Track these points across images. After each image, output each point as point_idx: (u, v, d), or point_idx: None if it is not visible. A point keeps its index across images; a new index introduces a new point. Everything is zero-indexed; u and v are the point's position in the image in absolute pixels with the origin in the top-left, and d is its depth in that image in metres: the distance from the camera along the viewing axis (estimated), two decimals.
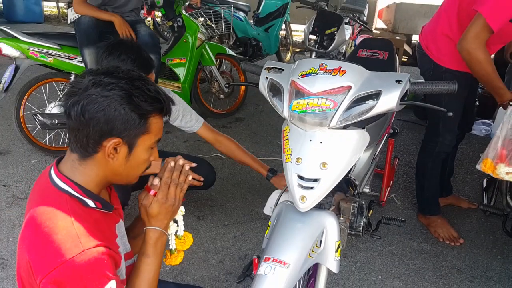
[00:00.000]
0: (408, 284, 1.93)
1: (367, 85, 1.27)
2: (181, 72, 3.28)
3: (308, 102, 1.26)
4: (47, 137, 3.00)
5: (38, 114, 2.74)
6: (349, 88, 1.25)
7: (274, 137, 3.33)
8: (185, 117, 1.99)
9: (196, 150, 3.09)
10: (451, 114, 1.32)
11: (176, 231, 1.24)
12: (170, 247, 1.25)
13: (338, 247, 1.36)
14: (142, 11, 3.72)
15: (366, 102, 1.26)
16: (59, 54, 2.76)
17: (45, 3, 7.77)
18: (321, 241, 1.32)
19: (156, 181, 1.10)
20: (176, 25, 3.28)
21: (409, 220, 2.38)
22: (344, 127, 1.34)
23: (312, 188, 1.28)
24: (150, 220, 1.11)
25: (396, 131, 3.27)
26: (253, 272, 1.35)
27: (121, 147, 0.97)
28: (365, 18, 4.37)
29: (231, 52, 3.65)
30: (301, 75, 1.31)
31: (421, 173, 2.25)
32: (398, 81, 1.27)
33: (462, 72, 1.89)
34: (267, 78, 1.41)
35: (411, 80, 1.31)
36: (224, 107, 3.75)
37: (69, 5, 4.67)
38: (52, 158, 2.91)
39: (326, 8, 3.81)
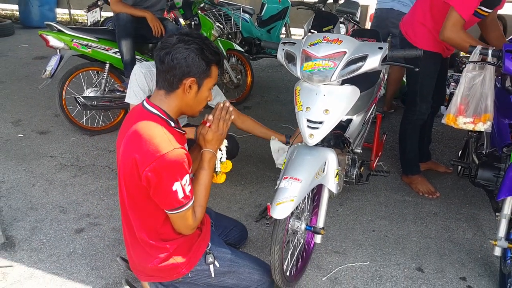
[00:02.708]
0: (392, 223, 2.40)
1: (357, 51, 1.75)
2: None
3: (315, 63, 1.74)
4: (84, 118, 3.45)
5: (80, 97, 3.21)
6: (344, 53, 1.74)
7: (278, 121, 3.80)
8: (217, 96, 2.44)
9: None
10: (417, 69, 1.81)
11: (221, 158, 1.71)
12: (216, 170, 1.72)
13: (337, 174, 1.82)
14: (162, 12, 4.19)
15: (357, 63, 1.74)
16: (97, 46, 3.23)
17: (58, 10, 8.24)
18: (324, 168, 1.79)
19: (211, 117, 1.57)
20: (193, 23, 3.77)
21: (394, 180, 2.86)
22: (342, 84, 1.83)
23: (318, 128, 1.76)
24: (206, 144, 1.58)
25: (384, 114, 3.76)
26: (268, 215, 1.76)
27: (194, 85, 1.44)
28: (357, 19, 4.89)
29: (239, 48, 4.14)
30: (310, 44, 1.80)
31: (403, 138, 2.73)
32: (380, 48, 1.75)
33: (434, 52, 2.40)
34: (283, 49, 1.89)
35: (389, 48, 1.80)
36: (233, 97, 4.23)
37: (89, 9, 5.17)
38: (88, 136, 3.36)
39: (323, 9, 4.31)
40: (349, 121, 2.43)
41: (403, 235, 2.29)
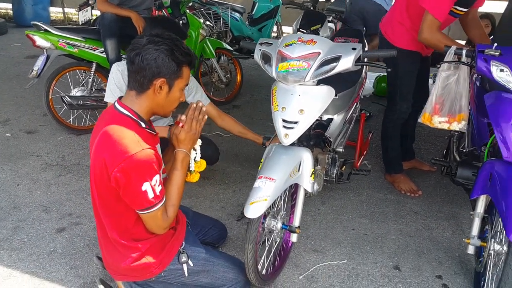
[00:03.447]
0: (372, 221, 2.41)
1: (331, 52, 1.76)
2: None
3: (289, 64, 1.76)
4: (71, 118, 3.46)
5: (66, 96, 3.22)
6: (318, 53, 1.75)
7: (266, 119, 3.81)
8: (197, 94, 2.46)
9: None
10: (389, 69, 1.82)
11: (195, 157, 1.73)
12: (190, 169, 1.73)
13: (312, 173, 1.84)
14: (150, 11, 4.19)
15: (331, 63, 1.75)
16: (83, 46, 3.24)
17: (51, 9, 8.23)
18: (299, 168, 1.81)
19: (183, 117, 1.59)
20: (181, 22, 3.77)
21: (378, 179, 2.87)
22: (317, 85, 1.84)
23: (293, 128, 1.78)
24: (179, 144, 1.59)
25: (371, 114, 3.78)
26: None
27: (164, 85, 1.45)
28: None
29: (228, 47, 4.15)
30: (285, 45, 1.81)
31: (384, 137, 2.75)
32: (353, 48, 1.77)
33: (412, 51, 2.41)
34: (260, 50, 1.90)
35: (363, 48, 1.81)
36: (223, 95, 4.24)
37: (80, 8, 5.17)
38: (75, 135, 3.37)
39: (311, 8, 4.32)
40: (330, 120, 2.45)
41: (382, 234, 2.31)
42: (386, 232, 2.33)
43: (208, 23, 4.66)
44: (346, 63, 1.74)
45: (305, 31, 4.11)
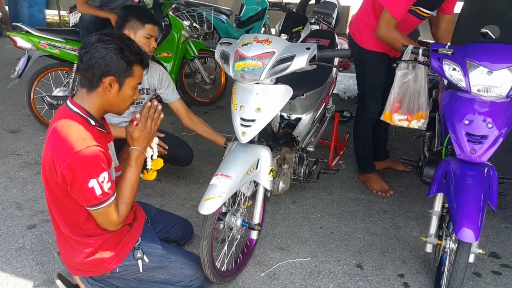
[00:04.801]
0: (341, 220, 2.43)
1: (286, 51, 1.79)
2: (168, 64, 3.81)
3: (245, 63, 1.79)
4: None
5: (46, 96, 3.26)
6: (273, 53, 1.78)
7: None
8: (168, 88, 2.49)
9: (180, 130, 3.60)
10: (341, 69, 1.84)
11: (152, 156, 1.75)
12: (147, 167, 1.76)
13: (271, 171, 1.86)
14: None
15: (285, 62, 1.78)
16: (64, 47, 3.28)
17: (47, 11, 8.32)
18: (257, 165, 1.83)
19: (138, 115, 1.62)
20: (163, 24, 3.82)
21: (351, 178, 2.89)
22: (275, 83, 1.87)
23: (250, 126, 1.80)
24: (133, 142, 1.62)
25: (352, 115, 3.79)
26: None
27: (114, 83, 1.49)
28: (333, 20, 4.92)
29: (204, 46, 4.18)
30: (242, 45, 1.84)
31: (356, 137, 2.76)
32: (307, 48, 1.79)
33: (380, 52, 2.43)
34: (220, 49, 1.93)
35: (318, 48, 1.83)
36: (207, 96, 4.27)
37: (71, 10, 5.23)
38: None
39: (294, 10, 4.35)
40: (299, 119, 2.48)
41: (349, 232, 2.32)
42: (353, 230, 2.34)
43: (195, 25, 4.71)
44: (300, 62, 1.77)
45: (287, 33, 4.16)
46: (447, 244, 1.78)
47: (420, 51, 1.88)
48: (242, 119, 1.81)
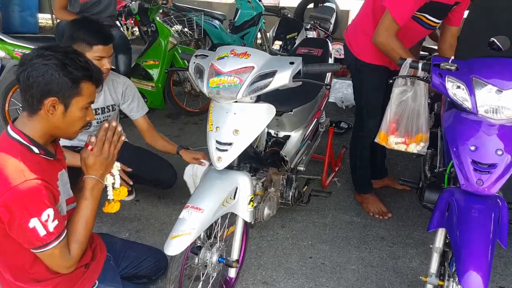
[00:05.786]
0: (333, 248, 2.21)
1: (267, 66, 1.58)
2: (154, 72, 3.60)
3: (220, 79, 1.57)
4: None
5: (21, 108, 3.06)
6: (252, 68, 1.57)
7: None
8: (132, 103, 2.28)
9: None
10: (329, 87, 1.63)
11: (113, 184, 1.54)
12: (108, 197, 1.55)
13: (251, 200, 1.65)
14: (121, 18, 4.05)
15: (266, 79, 1.56)
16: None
17: (40, 15, 8.14)
18: (235, 194, 1.62)
19: (93, 139, 1.40)
20: (150, 30, 3.62)
21: (347, 198, 2.67)
22: (256, 101, 1.66)
23: (226, 150, 1.59)
24: (87, 170, 1.40)
25: (350, 126, 3.58)
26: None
27: (58, 105, 1.28)
28: (331, 25, 4.71)
29: None
30: (218, 58, 1.63)
31: (353, 155, 2.55)
32: (291, 62, 1.58)
33: (378, 65, 2.20)
34: (194, 63, 1.72)
35: (304, 61, 1.62)
36: (197, 106, 4.06)
37: None
38: None
39: (288, 15, 4.15)
40: (287, 137, 2.27)
41: (342, 263, 2.10)
42: (346, 260, 2.12)
43: (188, 30, 4.52)
44: (281, 79, 1.55)
45: (281, 40, 3.95)
46: (450, 286, 1.55)
47: (420, 65, 1.66)
48: (217, 142, 1.60)
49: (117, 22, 3.84)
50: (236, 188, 1.62)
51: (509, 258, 2.16)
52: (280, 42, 4.00)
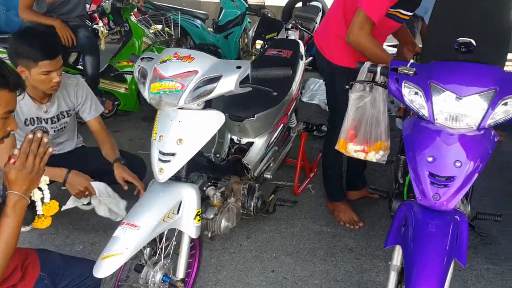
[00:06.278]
0: (298, 261, 2.10)
1: (212, 70, 1.47)
2: (128, 74, 3.49)
3: (161, 84, 1.46)
4: None
5: None
6: (196, 72, 1.45)
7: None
8: (85, 104, 2.16)
9: (138, 147, 3.27)
10: (275, 93, 1.52)
11: (43, 198, 1.43)
12: (38, 213, 1.44)
13: (197, 214, 1.54)
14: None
15: (211, 84, 1.45)
16: (5, 57, 2.97)
17: None
18: (179, 209, 1.51)
19: (16, 151, 1.29)
20: (123, 30, 3.51)
21: (319, 206, 2.56)
22: (204, 108, 1.55)
23: (169, 161, 1.48)
24: (10, 185, 1.29)
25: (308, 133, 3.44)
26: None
27: None
28: (316, 25, 4.59)
29: None
30: (161, 62, 1.52)
31: (325, 161, 2.43)
32: (238, 67, 1.47)
33: (353, 68, 2.08)
34: (139, 66, 1.61)
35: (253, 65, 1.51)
36: None
37: None
38: None
39: (269, 15, 4.04)
40: (251, 144, 2.16)
41: (305, 277, 1.99)
42: (310, 274, 2.01)
43: (168, 30, 4.41)
44: (227, 84, 1.44)
45: (261, 40, 3.85)
46: None
47: (378, 69, 1.55)
48: (160, 152, 1.49)
49: (100, 23, 3.74)
50: (181, 202, 1.51)
51: (481, 271, 2.05)
52: (261, 42, 3.89)
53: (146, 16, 4.03)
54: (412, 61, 1.46)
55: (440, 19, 1.56)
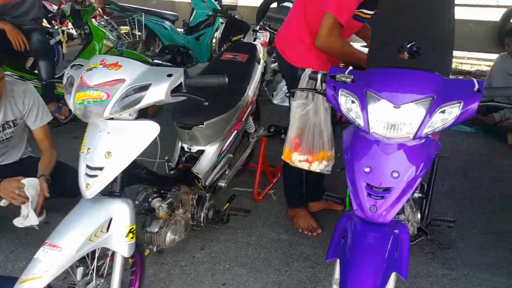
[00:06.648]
0: (251, 272, 2.03)
1: (141, 79, 1.39)
2: None
3: (85, 94, 1.38)
4: None
5: None
6: (123, 81, 1.37)
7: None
8: (31, 111, 2.07)
9: None
10: (206, 103, 1.45)
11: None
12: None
13: (130, 231, 1.46)
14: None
15: (138, 93, 1.37)
16: None
17: None
18: (108, 226, 1.42)
19: None
20: (83, 32, 3.41)
21: (279, 213, 2.50)
22: (137, 118, 1.47)
23: (96, 176, 1.39)
24: None
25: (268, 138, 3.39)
26: None
27: None
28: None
29: (145, 58, 3.78)
30: (87, 69, 1.43)
31: (285, 168, 2.36)
32: (169, 75, 1.39)
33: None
34: (68, 74, 1.52)
35: (188, 74, 1.43)
36: None
37: None
38: None
39: (236, 16, 3.96)
40: (202, 152, 2.08)
41: None
42: (262, 286, 1.95)
43: (134, 32, 4.31)
44: (156, 93, 1.37)
45: (229, 42, 3.77)
46: None
47: (319, 76, 1.49)
48: (88, 166, 1.41)
49: (70, 25, 3.64)
50: (111, 219, 1.43)
51: (437, 277, 2.01)
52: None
53: (108, 18, 3.93)
54: (350, 68, 1.41)
55: (382, 22, 1.51)
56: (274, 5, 5.95)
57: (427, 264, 2.09)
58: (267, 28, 4.07)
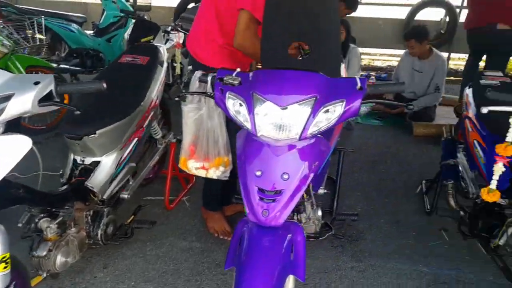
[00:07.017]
0: (158, 286, 1.93)
1: (1, 89, 1.23)
2: None
3: None
4: None
5: None
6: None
7: None
8: None
9: None
10: (78, 112, 1.34)
11: None
12: None
13: (3, 260, 1.29)
14: None
15: (1, 103, 1.22)
16: None
17: None
18: None
19: None
20: None
21: (191, 220, 2.42)
22: (4, 132, 1.30)
23: None
24: None
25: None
26: None
27: None
28: None
29: (47, 63, 3.48)
30: None
31: None
32: (36, 83, 1.25)
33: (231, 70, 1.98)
34: None
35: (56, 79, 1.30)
36: (44, 122, 3.53)
37: None
38: None
39: (145, 17, 3.80)
40: (97, 164, 1.93)
41: None
42: None
43: (40, 36, 3.94)
44: (21, 104, 1.22)
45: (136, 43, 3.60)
46: None
47: (209, 79, 1.44)
48: None
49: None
50: None
51: (346, 270, 2.07)
52: None
53: (2, 21, 3.55)
54: (238, 69, 1.37)
55: (270, 21, 1.50)
56: (192, 5, 5.86)
57: (337, 258, 2.15)
58: (179, 29, 3.97)
